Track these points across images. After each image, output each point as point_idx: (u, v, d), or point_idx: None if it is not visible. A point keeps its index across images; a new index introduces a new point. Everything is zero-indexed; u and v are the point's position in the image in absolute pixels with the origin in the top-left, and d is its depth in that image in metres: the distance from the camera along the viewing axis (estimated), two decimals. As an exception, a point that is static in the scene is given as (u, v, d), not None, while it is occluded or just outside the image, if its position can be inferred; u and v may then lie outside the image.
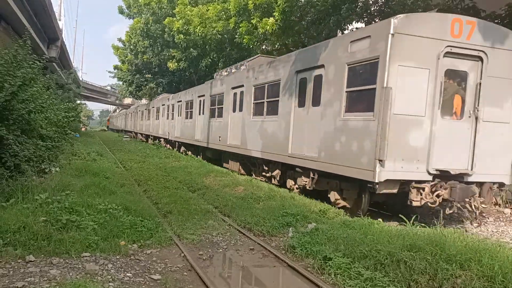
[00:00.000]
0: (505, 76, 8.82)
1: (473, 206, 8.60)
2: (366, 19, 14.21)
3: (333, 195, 9.99)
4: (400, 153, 8.20)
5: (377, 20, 14.01)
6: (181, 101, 25.14)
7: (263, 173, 13.75)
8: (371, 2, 14.08)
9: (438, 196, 8.36)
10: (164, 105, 30.07)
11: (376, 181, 8.14)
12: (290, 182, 12.06)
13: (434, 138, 8.37)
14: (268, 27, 17.34)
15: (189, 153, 23.37)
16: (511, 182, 9.13)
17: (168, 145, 28.85)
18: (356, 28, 14.67)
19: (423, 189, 8.34)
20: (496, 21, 11.52)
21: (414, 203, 8.41)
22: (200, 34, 22.22)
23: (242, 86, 15.26)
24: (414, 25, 8.26)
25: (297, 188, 11.54)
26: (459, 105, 8.78)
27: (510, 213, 10.17)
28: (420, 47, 8.23)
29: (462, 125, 8.71)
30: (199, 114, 21.05)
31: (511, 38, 8.94)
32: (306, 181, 10.94)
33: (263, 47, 22.12)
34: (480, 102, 8.68)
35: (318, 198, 10.18)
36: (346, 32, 15.62)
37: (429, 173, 8.39)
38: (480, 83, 8.67)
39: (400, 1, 13.32)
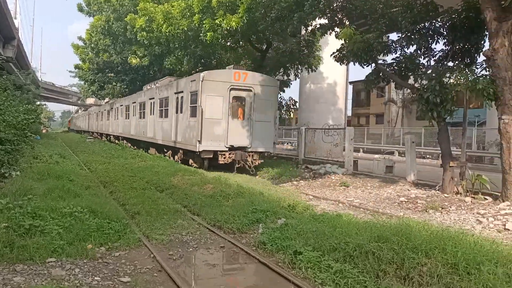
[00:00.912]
0: (265, 98, 17.39)
1: (248, 163, 16.85)
2: (329, 15, 14.28)
3: (190, 161, 18.04)
4: (210, 137, 16.49)
5: (339, 16, 14.20)
6: (122, 105, 32.99)
7: (164, 154, 21.60)
8: (333, -2, 14.18)
9: (230, 157, 16.58)
10: (112, 108, 37.38)
11: (197, 150, 16.51)
12: (176, 157, 19.66)
13: (228, 129, 16.74)
14: (233, 23, 17.29)
15: (129, 144, 29.76)
16: (273, 151, 18.38)
17: (116, 140, 34.73)
18: (320, 24, 14.90)
19: (224, 154, 16.58)
20: (453, 16, 11.84)
21: (220, 161, 16.51)
22: (165, 32, 21.82)
23: (154, 98, 23.90)
24: (213, 76, 16.99)
25: (180, 160, 18.89)
26: (241, 113, 17.22)
27: (471, 201, 10.55)
28: (217, 86, 16.67)
29: (244, 123, 17.23)
30: (133, 115, 29.12)
31: (266, 79, 17.92)
32: (179, 156, 19.12)
33: (228, 43, 21.96)
34: (252, 111, 17.22)
35: (186, 164, 17.84)
36: (309, 28, 15.97)
37: (226, 147, 16.68)
38: (252, 102, 17.24)
39: (361, -3, 13.48)
